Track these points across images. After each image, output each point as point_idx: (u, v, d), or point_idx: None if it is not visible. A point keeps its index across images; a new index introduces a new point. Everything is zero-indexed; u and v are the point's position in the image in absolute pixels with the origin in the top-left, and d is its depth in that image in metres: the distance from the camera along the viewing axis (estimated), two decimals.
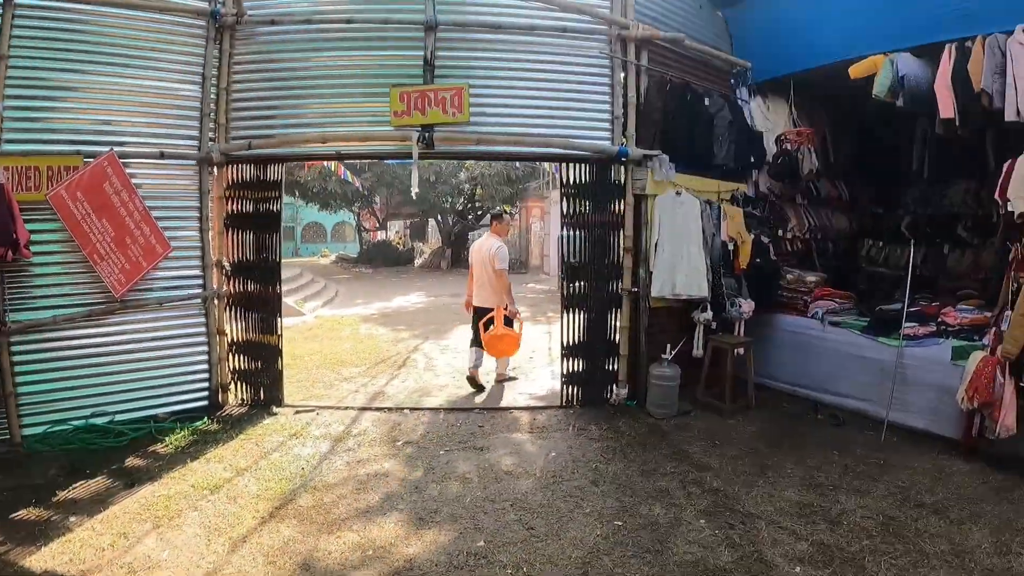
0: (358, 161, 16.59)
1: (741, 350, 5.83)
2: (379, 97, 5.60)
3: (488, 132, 5.64)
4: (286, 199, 26.72)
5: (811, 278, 6.30)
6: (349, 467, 4.71)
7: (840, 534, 3.63)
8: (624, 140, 5.80)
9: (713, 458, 4.75)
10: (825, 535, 3.62)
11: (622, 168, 5.82)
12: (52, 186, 5.10)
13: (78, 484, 4.44)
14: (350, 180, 17.43)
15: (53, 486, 4.38)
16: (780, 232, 6.79)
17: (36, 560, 3.44)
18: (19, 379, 5.14)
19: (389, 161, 12.71)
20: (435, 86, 5.56)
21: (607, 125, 5.88)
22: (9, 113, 5.08)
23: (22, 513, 3.99)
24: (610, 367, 6.01)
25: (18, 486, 4.35)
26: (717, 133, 6.07)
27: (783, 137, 6.53)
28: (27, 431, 5.15)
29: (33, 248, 5.03)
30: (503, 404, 6.19)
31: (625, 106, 5.85)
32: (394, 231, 35.04)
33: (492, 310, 6.30)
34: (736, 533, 3.65)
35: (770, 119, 6.66)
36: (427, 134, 5.52)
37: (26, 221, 4.95)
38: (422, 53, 5.60)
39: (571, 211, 5.90)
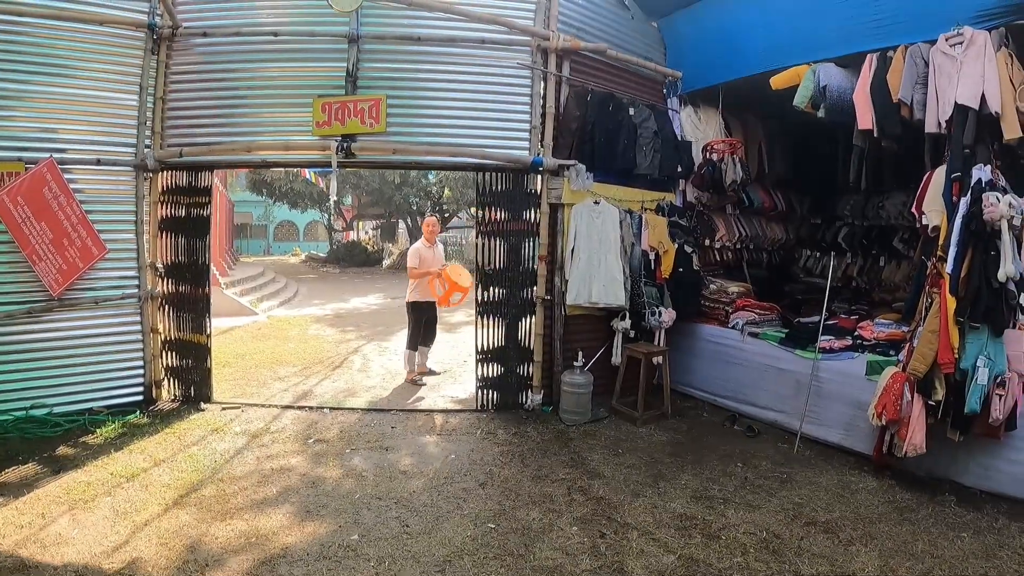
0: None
1: (658, 359, 5.94)
2: (303, 107, 5.84)
3: (404, 142, 5.83)
4: (258, 198, 27.96)
5: (734, 288, 6.38)
6: (258, 461, 4.97)
7: (713, 549, 3.65)
8: (541, 150, 5.91)
9: (609, 467, 4.83)
10: (697, 550, 3.64)
11: (538, 177, 5.94)
12: None
13: (10, 469, 4.82)
14: (313, 181, 17.62)
15: None
16: (707, 242, 6.86)
17: None
18: None
19: (312, 169, 12.95)
20: (355, 97, 5.77)
21: (525, 135, 5.99)
22: None
23: None
24: (525, 373, 6.13)
25: None
26: (641, 143, 6.14)
27: (709, 147, 6.58)
28: None
29: None
30: (422, 406, 6.38)
31: (544, 116, 5.95)
32: (365, 232, 35.54)
33: (435, 303, 6.96)
34: (604, 542, 3.74)
35: (701, 129, 6.72)
36: (346, 144, 5.74)
37: None
38: (343, 64, 5.82)
39: (487, 219, 6.01)
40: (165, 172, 6.06)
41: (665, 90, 6.75)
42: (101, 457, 5.03)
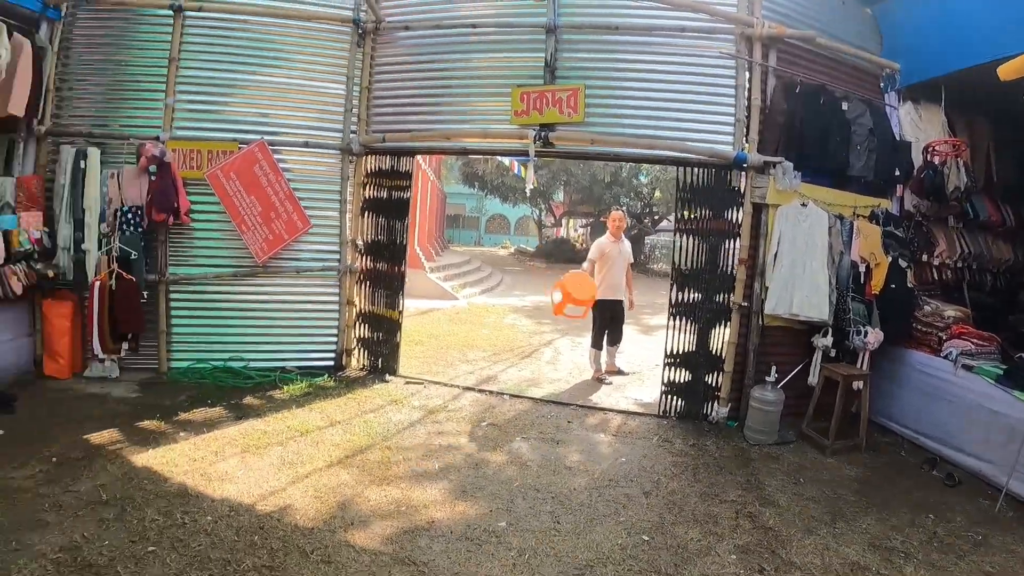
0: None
1: (859, 384, 5.33)
2: (502, 97, 5.94)
3: (602, 133, 5.72)
4: (471, 190, 29.86)
5: (950, 313, 5.56)
6: (428, 436, 5.10)
7: None
8: (745, 145, 5.55)
9: (785, 495, 4.45)
10: None
11: (742, 174, 5.59)
12: (211, 166, 6.01)
13: (197, 410, 5.38)
14: (523, 176, 18.25)
15: (178, 408, 5.42)
16: (924, 257, 6.10)
17: (141, 457, 4.43)
18: (173, 321, 6.23)
19: (516, 161, 13.37)
20: (553, 87, 5.76)
21: (729, 129, 5.66)
22: (179, 106, 6.14)
23: (146, 423, 5.05)
24: (713, 383, 5.79)
25: (152, 404, 5.45)
26: (855, 141, 5.59)
27: (930, 148, 5.85)
28: (173, 364, 6.30)
29: (192, 216, 5.97)
30: (603, 404, 6.24)
31: (748, 109, 5.60)
32: (574, 229, 36.26)
33: (620, 301, 6.88)
34: None
35: (922, 128, 6.00)
36: (544, 133, 5.76)
37: (189, 194, 5.93)
38: (541, 55, 5.84)
39: (686, 216, 5.81)
40: (369, 156, 6.43)
41: (882, 84, 6.15)
42: (283, 411, 5.42)
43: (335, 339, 6.52)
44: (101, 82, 6.22)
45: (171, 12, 6.08)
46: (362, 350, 6.69)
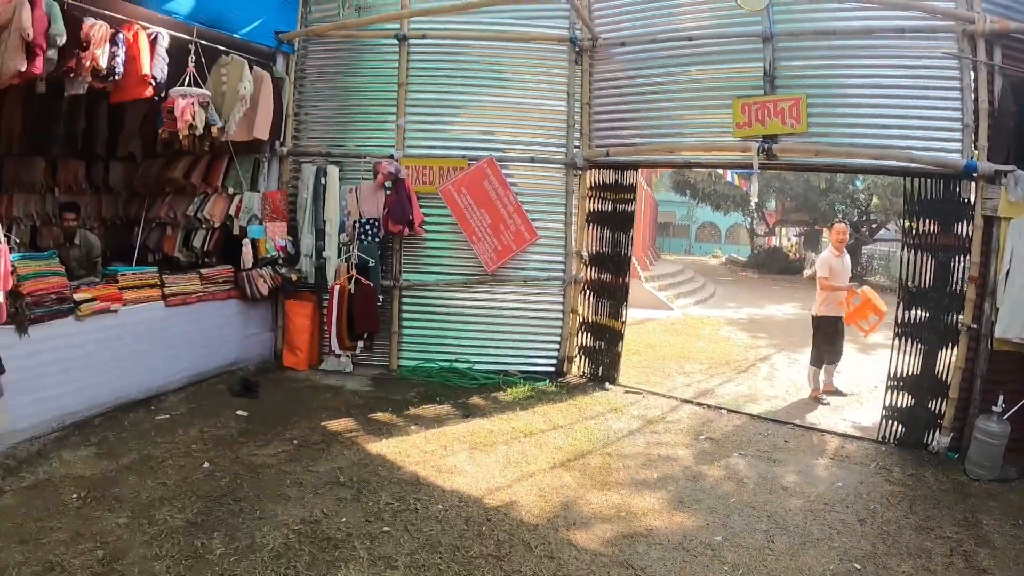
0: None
1: None
2: (722, 109, 7.71)
3: (825, 143, 7.23)
4: (681, 198, 35.79)
5: None
6: (647, 446, 6.76)
7: None
8: (975, 153, 6.56)
9: (1003, 537, 5.18)
10: None
11: (972, 185, 6.61)
12: (442, 182, 8.65)
13: (426, 406, 7.62)
14: (736, 183, 19.58)
15: (408, 403, 7.72)
16: None
17: (376, 446, 6.39)
18: (404, 323, 8.97)
19: (733, 171, 14.42)
20: (774, 97, 7.40)
21: (955, 135, 6.71)
22: (410, 126, 8.89)
23: (378, 415, 7.29)
24: (936, 410, 6.90)
25: (383, 398, 7.96)
26: None
27: None
28: (403, 362, 9.13)
29: (425, 227, 8.66)
30: (820, 425, 7.62)
31: (976, 113, 6.60)
32: (787, 238, 39.96)
33: (842, 318, 8.27)
34: None
35: None
36: (767, 145, 7.32)
37: (421, 207, 8.60)
38: (759, 64, 7.48)
39: (913, 230, 6.95)
40: (592, 169, 8.80)
41: None
42: (507, 412, 7.45)
43: (557, 346, 8.91)
44: (332, 107, 9.25)
45: (396, 41, 8.84)
46: (583, 358, 9.05)
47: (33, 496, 5.07)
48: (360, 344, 8.69)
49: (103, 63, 6.48)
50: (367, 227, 8.62)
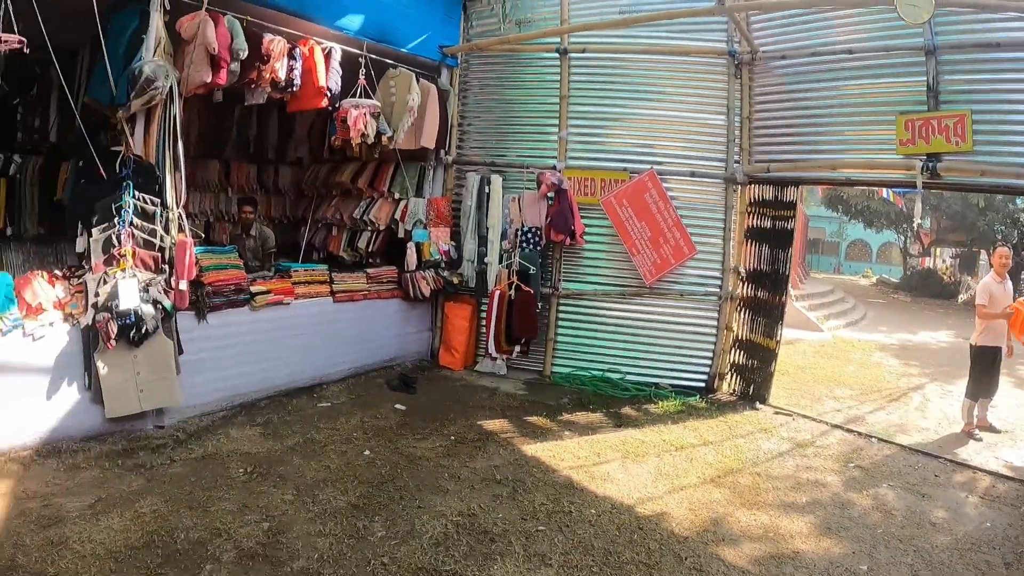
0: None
1: None
2: (884, 125, 7.49)
3: (991, 163, 6.86)
4: (831, 214, 35.16)
5: None
6: (796, 469, 6.68)
7: None
8: None
9: None
10: None
11: None
12: (603, 193, 8.84)
13: (579, 413, 7.76)
14: (891, 200, 19.00)
15: (561, 409, 7.90)
16: None
17: (530, 448, 6.59)
18: (559, 330, 9.18)
19: (889, 188, 14.09)
20: (938, 113, 7.09)
21: None
22: (572, 138, 9.08)
23: (532, 418, 7.52)
24: None
25: (537, 402, 8.16)
26: None
27: None
28: (556, 369, 9.31)
29: (585, 238, 8.87)
30: (972, 462, 7.21)
31: None
32: (941, 259, 38.41)
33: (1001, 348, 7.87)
34: None
35: None
36: (931, 164, 7.04)
37: (581, 218, 8.76)
38: (922, 78, 7.17)
39: None
40: (751, 185, 8.78)
41: None
42: (657, 424, 7.53)
43: (709, 362, 8.95)
44: (494, 118, 9.60)
45: (557, 55, 9.07)
46: (735, 375, 9.05)
47: (201, 467, 5.59)
48: (516, 349, 8.95)
49: (282, 75, 7.06)
50: (529, 235, 8.88)
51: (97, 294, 5.88)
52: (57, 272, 6.22)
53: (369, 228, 9.50)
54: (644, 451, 6.62)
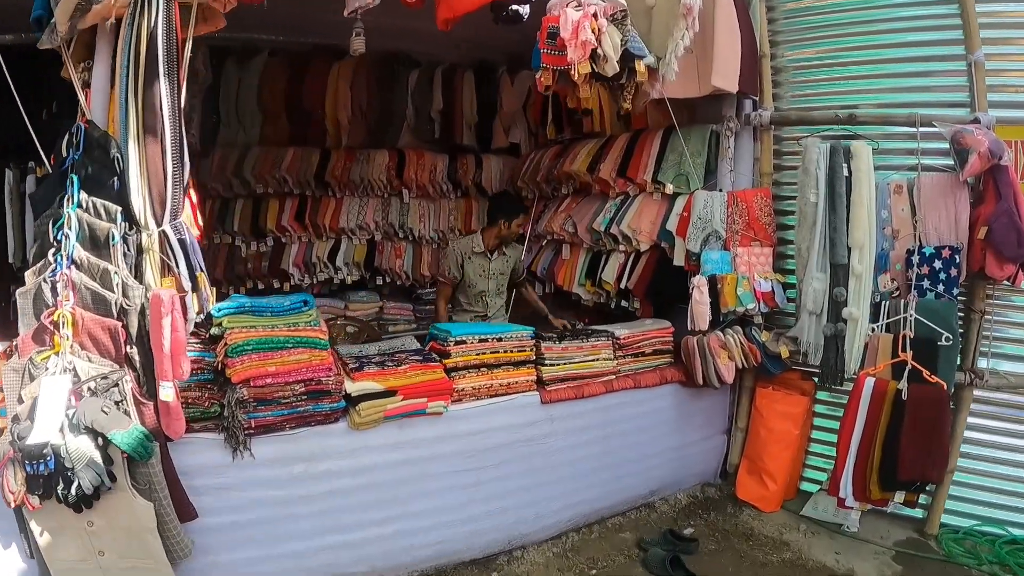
0: None
1: None
2: None
3: None
4: None
5: None
6: None
7: None
8: None
9: None
10: None
11: None
12: None
13: None
14: None
15: None
16: None
17: None
18: (964, 452, 4.59)
19: None
20: None
21: None
22: (990, 63, 4.57)
23: None
24: None
25: None
26: None
27: None
28: (946, 520, 4.65)
29: None
30: None
31: None
32: None
33: None
34: None
35: None
36: None
37: None
38: None
39: None
40: None
41: None
42: None
43: None
44: (833, 42, 5.05)
45: None
46: None
47: None
48: (899, 496, 4.30)
49: None
50: (935, 262, 4.25)
51: (20, 400, 2.51)
52: None
53: (621, 247, 5.48)
54: None
